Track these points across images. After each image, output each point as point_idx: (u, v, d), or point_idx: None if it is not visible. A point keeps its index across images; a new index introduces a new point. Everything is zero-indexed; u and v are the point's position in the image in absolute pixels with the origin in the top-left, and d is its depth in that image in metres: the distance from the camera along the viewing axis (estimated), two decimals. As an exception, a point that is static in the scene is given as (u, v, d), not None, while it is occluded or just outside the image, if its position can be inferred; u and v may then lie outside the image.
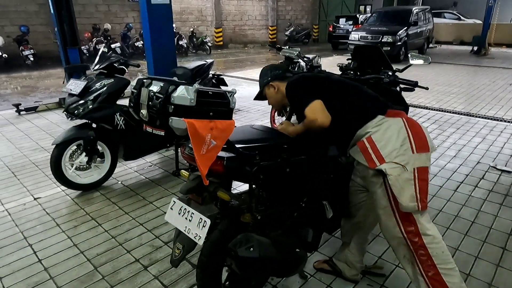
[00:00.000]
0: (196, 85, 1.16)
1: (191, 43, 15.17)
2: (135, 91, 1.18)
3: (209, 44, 14.94)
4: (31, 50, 11.26)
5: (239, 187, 2.87)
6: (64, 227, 2.66)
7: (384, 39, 10.90)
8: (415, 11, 12.05)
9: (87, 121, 3.07)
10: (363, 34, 11.52)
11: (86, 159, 3.09)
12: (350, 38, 11.83)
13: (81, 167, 3.17)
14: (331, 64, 9.88)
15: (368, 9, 23.03)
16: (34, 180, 3.42)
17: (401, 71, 2.10)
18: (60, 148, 2.95)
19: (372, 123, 1.59)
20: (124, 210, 2.89)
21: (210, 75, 3.99)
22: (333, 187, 1.89)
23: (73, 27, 6.09)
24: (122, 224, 2.69)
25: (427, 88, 2.34)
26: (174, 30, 14.56)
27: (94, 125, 3.08)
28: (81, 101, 2.91)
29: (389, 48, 10.84)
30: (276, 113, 4.85)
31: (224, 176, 1.44)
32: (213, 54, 15.12)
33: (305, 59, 5.02)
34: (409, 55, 2.26)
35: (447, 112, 5.65)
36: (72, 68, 6.13)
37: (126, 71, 3.12)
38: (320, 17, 20.64)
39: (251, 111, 5.86)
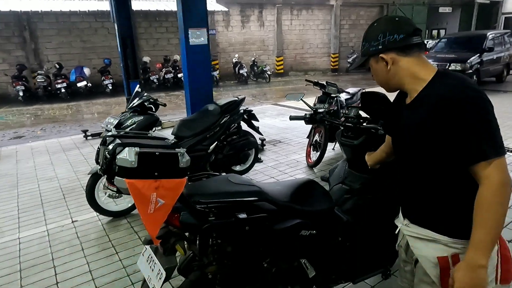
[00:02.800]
0: (137, 148, 1.22)
1: (252, 71, 15.79)
2: (100, 147, 1.29)
3: (269, 72, 15.39)
4: (111, 80, 12.78)
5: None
6: (87, 252, 2.90)
7: (452, 67, 10.07)
8: (490, 36, 11.00)
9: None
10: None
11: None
12: (413, 66, 11.18)
13: (114, 195, 3.45)
14: (391, 95, 9.39)
15: (442, 34, 21.75)
16: (78, 204, 3.81)
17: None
18: (94, 177, 3.27)
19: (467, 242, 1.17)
20: (142, 240, 3.05)
21: (242, 111, 4.10)
22: (317, 244, 1.79)
23: (136, 63, 6.82)
24: (136, 255, 2.84)
25: None
26: (237, 60, 15.36)
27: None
28: (114, 137, 3.21)
29: (457, 77, 10.02)
30: (311, 149, 4.77)
31: (183, 230, 1.46)
32: (272, 82, 15.49)
33: (343, 94, 4.91)
34: None
35: (515, 152, 4.96)
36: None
37: (153, 109, 3.40)
38: (386, 43, 19.95)
39: (292, 143, 5.83)
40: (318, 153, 4.57)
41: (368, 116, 2.23)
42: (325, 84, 4.69)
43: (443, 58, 10.52)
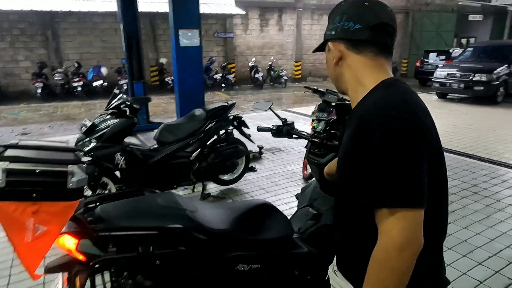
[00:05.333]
0: (4, 164, 1.02)
1: (268, 76, 15.57)
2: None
3: (285, 77, 15.12)
4: (126, 80, 12.89)
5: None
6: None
7: (476, 78, 9.48)
8: (521, 46, 10.32)
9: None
10: (451, 71, 10.22)
11: (90, 193, 3.21)
12: (435, 75, 10.62)
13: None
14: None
15: (472, 42, 20.79)
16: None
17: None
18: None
19: None
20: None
21: (231, 117, 3.87)
22: (262, 280, 1.53)
23: (141, 64, 6.74)
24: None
25: None
26: (253, 64, 15.20)
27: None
28: (86, 139, 3.06)
29: (482, 88, 9.40)
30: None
31: (87, 260, 1.25)
32: (289, 87, 15.22)
33: (346, 102, 4.57)
34: None
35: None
36: (136, 99, 6.74)
37: (127, 112, 3.23)
38: (410, 51, 19.27)
39: (292, 152, 5.53)
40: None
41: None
42: (324, 91, 4.38)
43: (468, 68, 9.94)
